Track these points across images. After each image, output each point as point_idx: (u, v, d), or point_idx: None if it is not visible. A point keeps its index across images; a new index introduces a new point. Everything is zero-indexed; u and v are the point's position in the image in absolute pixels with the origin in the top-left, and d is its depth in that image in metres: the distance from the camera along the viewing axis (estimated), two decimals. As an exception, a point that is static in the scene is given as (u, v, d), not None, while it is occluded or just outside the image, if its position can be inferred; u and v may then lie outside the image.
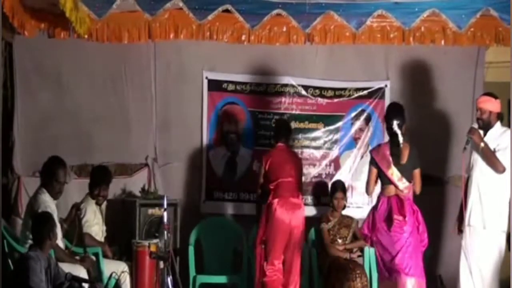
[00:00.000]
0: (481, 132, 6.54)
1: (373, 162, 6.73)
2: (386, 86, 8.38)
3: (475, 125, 6.52)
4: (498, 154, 6.40)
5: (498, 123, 6.57)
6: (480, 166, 6.50)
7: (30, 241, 6.21)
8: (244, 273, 7.65)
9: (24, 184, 7.54)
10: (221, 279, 7.80)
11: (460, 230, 6.66)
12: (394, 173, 6.60)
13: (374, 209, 6.70)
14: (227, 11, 7.35)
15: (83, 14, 6.90)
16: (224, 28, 7.93)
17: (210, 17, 7.39)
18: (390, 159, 6.61)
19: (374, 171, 6.72)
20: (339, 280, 7.31)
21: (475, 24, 7.50)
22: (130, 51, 8.02)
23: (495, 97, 6.63)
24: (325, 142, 8.39)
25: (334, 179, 8.22)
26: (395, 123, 6.61)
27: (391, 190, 6.63)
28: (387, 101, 8.34)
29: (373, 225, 6.63)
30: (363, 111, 8.38)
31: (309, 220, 8.06)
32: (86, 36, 7.57)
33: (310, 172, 8.32)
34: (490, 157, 6.41)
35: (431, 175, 8.19)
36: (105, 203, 7.32)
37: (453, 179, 8.13)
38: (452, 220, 7.10)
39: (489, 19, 7.45)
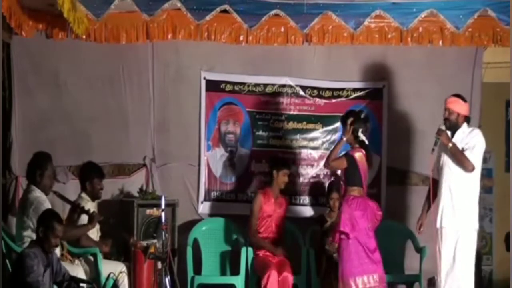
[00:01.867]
0: (449, 133, 6.57)
1: (348, 159, 6.88)
2: (384, 86, 8.38)
3: (442, 126, 6.54)
4: (466, 153, 6.44)
5: (465, 124, 6.60)
6: (449, 167, 6.54)
7: (27, 239, 6.22)
8: (242, 274, 7.64)
9: (22, 185, 7.52)
10: (219, 279, 7.81)
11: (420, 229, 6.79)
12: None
13: (350, 207, 6.77)
14: (225, 11, 7.34)
15: (81, 15, 6.90)
16: (222, 28, 7.93)
17: (208, 18, 7.39)
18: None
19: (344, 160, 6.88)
20: (337, 280, 7.31)
21: (473, 24, 7.51)
22: (128, 51, 8.01)
23: (464, 100, 6.67)
24: (323, 143, 8.39)
25: (332, 179, 8.22)
26: (360, 131, 6.88)
27: (360, 191, 6.86)
28: (385, 102, 8.36)
29: (351, 223, 6.72)
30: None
31: (306, 221, 8.09)
32: (84, 37, 7.58)
33: (308, 173, 8.32)
34: (459, 157, 6.45)
35: (427, 175, 8.20)
36: (96, 202, 7.29)
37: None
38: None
39: (487, 20, 7.46)
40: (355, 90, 8.38)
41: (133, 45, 7.94)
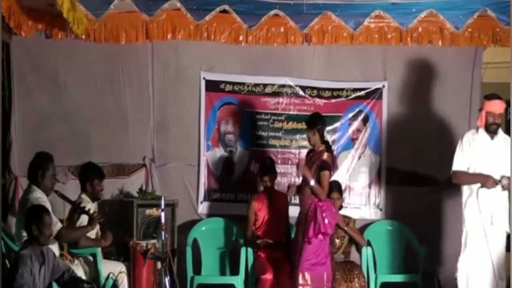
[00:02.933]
0: (488, 136, 6.66)
1: (328, 168, 6.98)
2: (383, 86, 8.38)
3: (505, 179, 6.53)
4: None
5: None
6: (498, 172, 6.61)
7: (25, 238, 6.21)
8: (241, 274, 7.63)
9: (21, 185, 7.53)
10: (219, 279, 7.81)
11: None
12: None
13: (322, 210, 6.86)
14: (224, 11, 7.34)
15: (81, 15, 6.89)
16: (221, 28, 7.93)
17: (207, 18, 7.39)
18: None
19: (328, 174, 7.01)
20: (337, 280, 7.30)
21: (473, 24, 7.52)
22: (128, 51, 8.01)
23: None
24: (322, 143, 8.39)
25: (331, 179, 8.20)
26: (325, 132, 7.12)
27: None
28: (384, 102, 8.36)
29: (316, 228, 6.84)
30: (360, 111, 8.37)
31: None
32: (83, 37, 7.57)
33: (308, 173, 8.31)
34: None
35: (427, 176, 8.22)
36: (96, 203, 7.29)
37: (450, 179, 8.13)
38: (448, 220, 7.09)
39: (486, 20, 7.46)
40: (355, 90, 8.38)
41: (133, 45, 7.94)
